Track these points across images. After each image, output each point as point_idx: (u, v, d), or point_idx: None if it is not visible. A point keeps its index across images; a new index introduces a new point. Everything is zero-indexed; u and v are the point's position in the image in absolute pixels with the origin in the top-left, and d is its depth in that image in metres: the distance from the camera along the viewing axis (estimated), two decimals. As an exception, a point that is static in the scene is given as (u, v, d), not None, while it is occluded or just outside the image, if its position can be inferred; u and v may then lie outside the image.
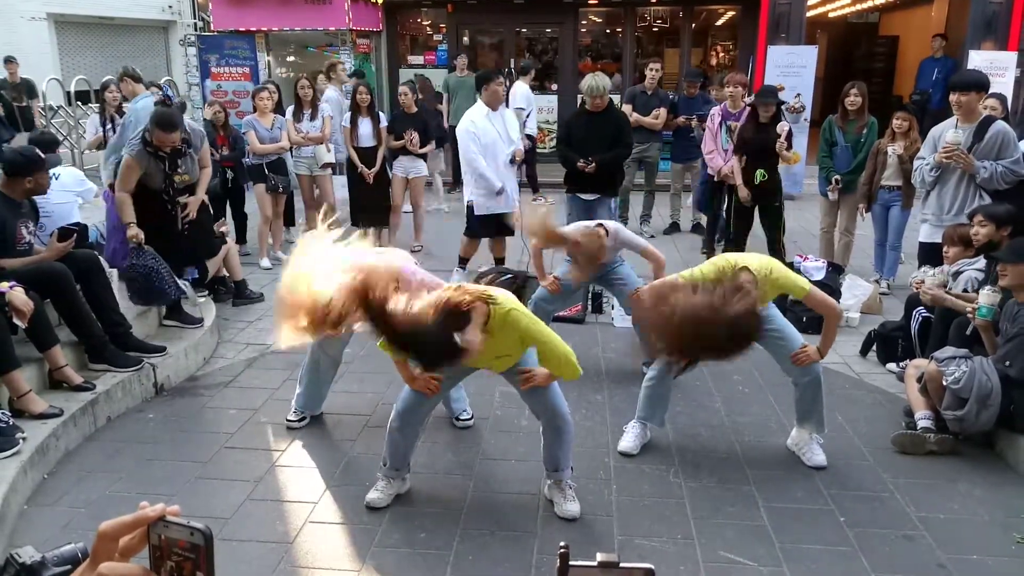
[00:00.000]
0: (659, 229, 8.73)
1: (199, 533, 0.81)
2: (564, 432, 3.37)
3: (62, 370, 4.21)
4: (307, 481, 3.74)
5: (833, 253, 6.80)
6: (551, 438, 3.39)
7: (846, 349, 5.35)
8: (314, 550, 3.20)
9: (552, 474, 3.44)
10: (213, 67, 11.34)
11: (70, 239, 4.57)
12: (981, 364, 3.81)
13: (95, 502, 3.49)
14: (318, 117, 7.63)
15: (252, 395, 4.66)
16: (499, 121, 6.10)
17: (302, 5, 11.17)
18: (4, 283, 3.94)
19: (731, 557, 3.14)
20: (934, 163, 5.25)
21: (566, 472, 3.43)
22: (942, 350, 4.07)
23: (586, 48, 13.49)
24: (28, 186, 4.47)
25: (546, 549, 3.17)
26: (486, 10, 12.60)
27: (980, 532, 3.34)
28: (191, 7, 15.83)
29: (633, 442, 3.94)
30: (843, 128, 6.61)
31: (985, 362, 3.83)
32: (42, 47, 12.42)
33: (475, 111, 6.17)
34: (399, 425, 3.41)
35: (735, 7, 12.69)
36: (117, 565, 0.83)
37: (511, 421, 4.27)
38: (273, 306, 2.62)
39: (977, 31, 10.84)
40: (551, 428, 3.38)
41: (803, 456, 3.84)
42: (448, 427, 4.22)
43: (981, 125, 5.14)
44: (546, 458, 3.44)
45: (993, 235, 4.50)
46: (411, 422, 3.42)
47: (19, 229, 4.48)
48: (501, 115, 6.15)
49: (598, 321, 5.95)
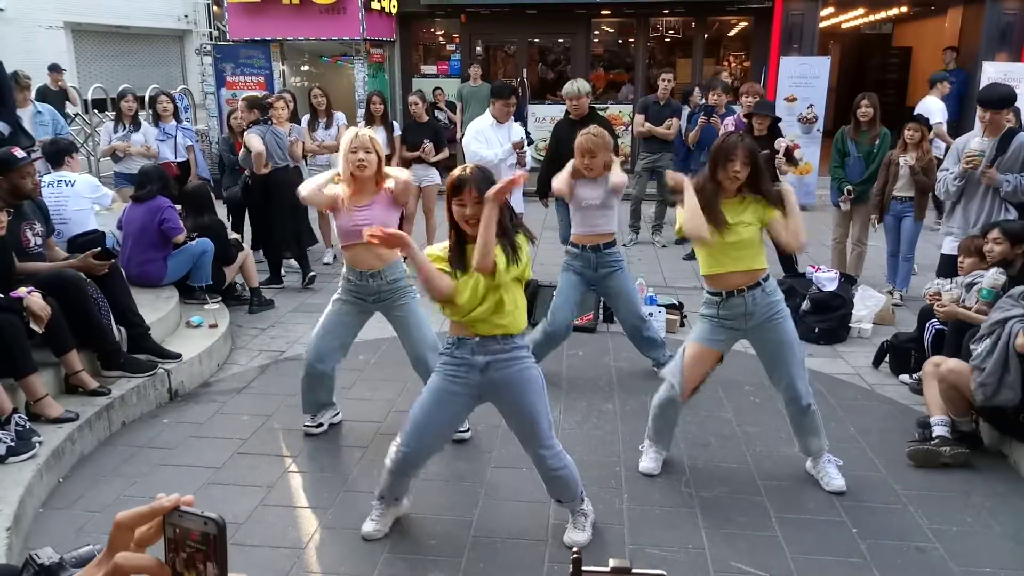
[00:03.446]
0: (671, 239, 8.72)
1: (212, 523, 0.82)
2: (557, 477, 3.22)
3: (78, 375, 4.25)
4: (320, 487, 3.76)
5: (845, 264, 6.79)
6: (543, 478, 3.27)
7: (859, 360, 5.34)
8: (326, 556, 3.22)
9: (559, 504, 3.34)
10: (228, 76, 11.44)
11: (106, 261, 4.59)
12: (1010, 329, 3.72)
13: (109, 506, 3.52)
14: (333, 125, 7.70)
15: (265, 401, 4.69)
16: (504, 134, 6.13)
17: (317, 15, 11.26)
18: (22, 288, 3.99)
19: (742, 568, 3.13)
20: (958, 173, 5.23)
21: (575, 503, 3.30)
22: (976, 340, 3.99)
23: (598, 58, 13.53)
24: (4, 186, 4.37)
25: (557, 557, 3.18)
26: (499, 20, 12.67)
27: (993, 545, 3.32)
28: (207, 16, 15.98)
29: (653, 463, 3.88)
30: (855, 139, 6.61)
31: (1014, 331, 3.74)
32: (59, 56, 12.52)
33: (482, 120, 6.20)
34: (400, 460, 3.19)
35: (748, 18, 12.71)
36: (132, 555, 0.84)
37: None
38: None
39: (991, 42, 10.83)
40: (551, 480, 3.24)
41: (821, 480, 3.74)
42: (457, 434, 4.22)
43: (1004, 137, 5.12)
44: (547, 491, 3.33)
45: (1008, 253, 4.44)
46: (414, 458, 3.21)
47: (23, 232, 4.51)
48: (508, 127, 6.17)
49: (609, 330, 5.95)
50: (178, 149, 7.92)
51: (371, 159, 3.80)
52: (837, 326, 5.71)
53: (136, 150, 7.46)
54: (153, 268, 5.69)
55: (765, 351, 3.68)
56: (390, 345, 5.35)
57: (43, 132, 7.29)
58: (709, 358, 3.70)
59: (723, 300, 3.58)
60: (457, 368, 3.08)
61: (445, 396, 3.12)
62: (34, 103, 7.82)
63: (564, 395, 4.76)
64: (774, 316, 3.57)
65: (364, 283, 3.91)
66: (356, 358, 5.24)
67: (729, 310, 3.58)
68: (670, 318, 5.89)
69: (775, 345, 3.62)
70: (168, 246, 5.73)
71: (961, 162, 5.22)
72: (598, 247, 4.61)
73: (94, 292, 4.45)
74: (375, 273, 3.88)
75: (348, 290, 3.98)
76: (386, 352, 5.35)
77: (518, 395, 3.10)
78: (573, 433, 4.28)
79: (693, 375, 3.70)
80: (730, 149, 3.45)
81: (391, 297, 3.95)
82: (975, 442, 4.07)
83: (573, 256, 4.69)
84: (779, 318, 3.58)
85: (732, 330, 3.64)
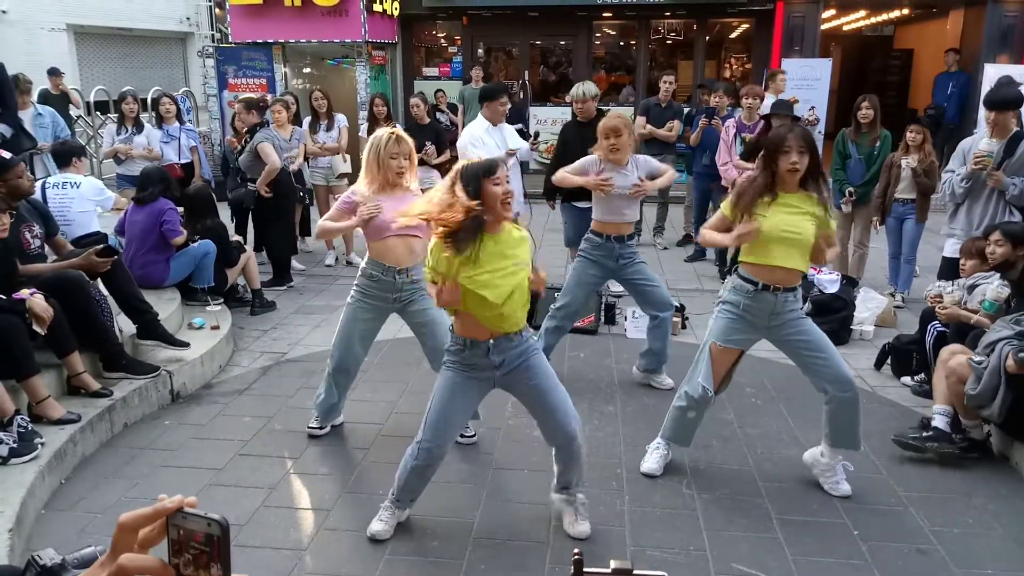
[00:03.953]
0: (672, 241, 8.73)
1: (216, 524, 0.83)
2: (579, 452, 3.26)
3: (80, 376, 4.25)
4: (321, 488, 3.77)
5: (847, 266, 6.79)
6: (565, 459, 3.28)
7: (860, 362, 5.33)
8: (328, 557, 3.22)
9: (564, 491, 3.36)
10: (230, 78, 11.46)
11: (109, 258, 4.61)
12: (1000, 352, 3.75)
13: (111, 507, 3.52)
14: (334, 128, 7.71)
15: (267, 403, 4.69)
16: (499, 136, 6.12)
17: (319, 17, 11.28)
18: (24, 290, 4.00)
19: (744, 570, 3.13)
20: (965, 174, 5.22)
21: (580, 487, 3.36)
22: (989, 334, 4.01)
23: (599, 60, 13.54)
24: (2, 189, 4.37)
25: (558, 559, 3.18)
26: (501, 22, 12.69)
27: (995, 547, 3.32)
28: (209, 19, 16.02)
29: (656, 464, 3.87)
30: (856, 141, 6.61)
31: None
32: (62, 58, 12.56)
33: (476, 125, 6.16)
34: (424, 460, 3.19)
35: (749, 20, 12.71)
36: (136, 556, 0.84)
37: (523, 431, 4.27)
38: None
39: (992, 44, 10.83)
40: (564, 451, 3.25)
41: (826, 484, 3.70)
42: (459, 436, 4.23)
43: (1012, 140, 5.11)
44: (559, 476, 3.35)
45: (1009, 255, 4.41)
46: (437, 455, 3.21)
47: (22, 234, 4.51)
48: (501, 130, 6.16)
49: (611, 332, 5.95)
50: (182, 150, 7.94)
51: (407, 165, 3.85)
52: (839, 328, 5.71)
53: (138, 152, 7.47)
54: (155, 270, 5.70)
55: (790, 348, 3.60)
56: (392, 346, 5.37)
57: (43, 134, 7.30)
58: (730, 355, 3.67)
59: (755, 291, 3.49)
60: (471, 368, 3.11)
61: (460, 389, 3.15)
62: (35, 105, 7.83)
63: (565, 397, 4.76)
64: (800, 318, 3.55)
65: (390, 279, 3.84)
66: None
67: (757, 303, 3.51)
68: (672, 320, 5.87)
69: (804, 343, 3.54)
70: (170, 248, 5.74)
71: (969, 163, 5.21)
72: (622, 237, 4.60)
73: (96, 293, 4.46)
74: (403, 269, 3.84)
75: (368, 289, 3.90)
76: (388, 353, 5.36)
77: (535, 378, 3.14)
78: (574, 435, 4.28)
79: (719, 371, 3.67)
80: (782, 139, 3.35)
81: (412, 297, 3.90)
82: (984, 451, 4.03)
83: (595, 245, 4.65)
84: (802, 317, 3.56)
85: (753, 327, 3.57)
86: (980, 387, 3.77)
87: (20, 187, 4.50)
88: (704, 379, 3.66)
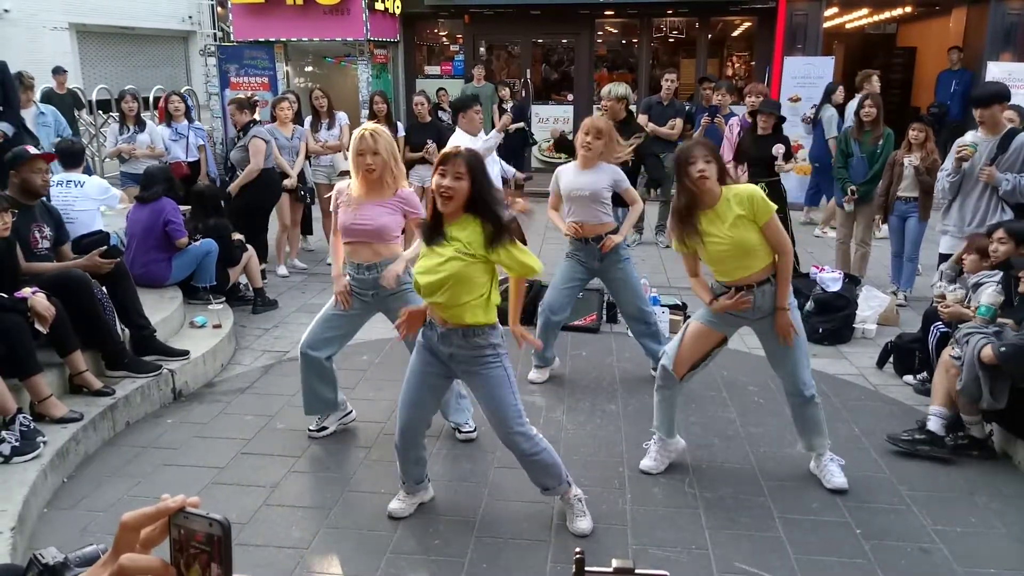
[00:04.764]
0: (674, 239, 8.72)
1: (217, 524, 0.83)
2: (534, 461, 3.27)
3: (82, 375, 4.26)
4: (323, 487, 3.77)
5: (849, 264, 6.79)
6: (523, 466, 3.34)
7: (863, 360, 5.33)
8: (330, 556, 3.22)
9: (545, 492, 3.39)
10: (232, 77, 11.45)
11: (112, 259, 4.61)
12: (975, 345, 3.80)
13: (113, 506, 3.53)
14: (335, 126, 7.71)
15: (269, 401, 4.70)
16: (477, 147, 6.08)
17: (321, 16, 11.28)
18: (27, 288, 4.01)
19: (746, 569, 3.13)
20: (951, 168, 5.24)
21: (562, 487, 3.34)
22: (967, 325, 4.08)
23: (602, 58, 13.53)
24: (15, 180, 4.44)
25: (559, 558, 3.18)
26: (502, 21, 12.68)
27: (997, 546, 3.31)
28: (211, 17, 16.02)
29: (654, 462, 3.87)
30: (858, 139, 6.60)
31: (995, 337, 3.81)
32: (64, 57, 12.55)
33: (455, 139, 6.08)
34: (398, 440, 3.38)
35: (751, 18, 12.69)
36: (138, 556, 0.84)
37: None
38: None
39: (996, 42, 10.81)
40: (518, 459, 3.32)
41: (823, 478, 3.74)
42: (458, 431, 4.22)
43: (1005, 137, 5.12)
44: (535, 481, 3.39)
45: (1012, 253, 4.42)
46: (405, 434, 3.34)
47: (32, 232, 4.52)
48: (479, 141, 6.14)
49: (612, 331, 5.95)
50: (190, 148, 7.95)
51: (378, 161, 3.77)
52: (841, 326, 5.70)
53: (141, 152, 7.46)
54: (157, 269, 5.70)
55: (769, 341, 3.65)
56: (394, 346, 5.36)
57: (45, 133, 7.31)
58: (711, 338, 3.69)
59: (734, 292, 3.54)
60: (427, 351, 3.25)
61: (419, 372, 3.28)
62: (37, 104, 7.84)
63: (567, 396, 4.76)
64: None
65: (362, 276, 3.89)
66: (360, 358, 5.26)
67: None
68: (673, 318, 5.88)
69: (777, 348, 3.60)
70: (172, 247, 5.74)
71: (951, 154, 5.25)
72: (600, 238, 4.63)
73: (99, 292, 4.46)
74: (371, 265, 3.87)
75: (352, 286, 3.97)
76: (389, 352, 5.36)
77: (481, 391, 3.22)
78: (576, 434, 4.28)
79: (691, 351, 3.69)
80: (686, 154, 3.41)
81: (391, 295, 3.91)
82: (986, 450, 4.02)
83: (577, 247, 4.72)
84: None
85: (737, 317, 3.61)
86: (963, 380, 3.81)
87: (32, 182, 4.50)
88: (671, 350, 3.73)
